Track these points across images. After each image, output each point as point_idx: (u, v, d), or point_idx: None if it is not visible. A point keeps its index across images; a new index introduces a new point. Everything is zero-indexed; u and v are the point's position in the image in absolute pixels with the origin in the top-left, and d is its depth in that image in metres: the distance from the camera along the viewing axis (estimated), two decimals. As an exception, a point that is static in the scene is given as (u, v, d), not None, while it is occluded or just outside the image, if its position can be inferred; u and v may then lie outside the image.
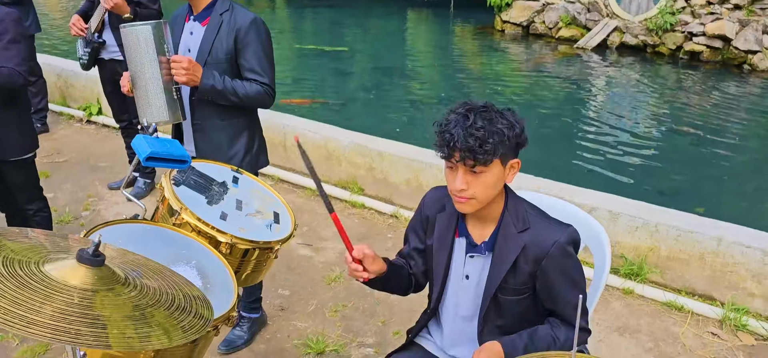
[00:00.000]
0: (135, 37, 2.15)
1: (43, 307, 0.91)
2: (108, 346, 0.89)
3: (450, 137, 1.48)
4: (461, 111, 1.52)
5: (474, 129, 1.47)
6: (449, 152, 1.49)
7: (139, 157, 1.50)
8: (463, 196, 1.53)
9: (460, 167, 1.51)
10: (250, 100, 2.33)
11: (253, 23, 2.32)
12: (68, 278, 1.00)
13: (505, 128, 1.50)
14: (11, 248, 1.04)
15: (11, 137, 2.83)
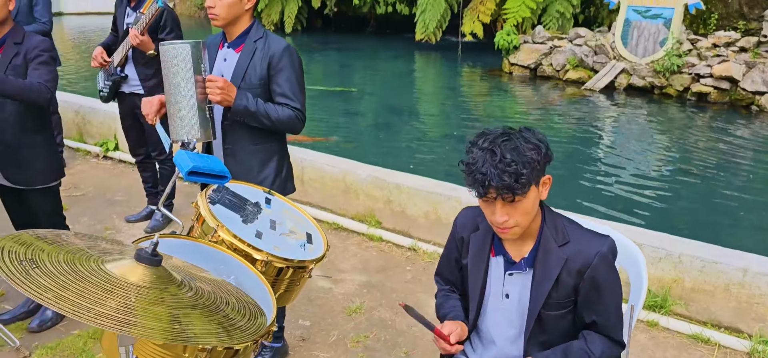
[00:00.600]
0: (174, 55, 2.20)
1: (107, 300, 0.91)
2: (173, 340, 0.89)
3: (483, 177, 1.46)
4: (485, 145, 1.50)
5: (505, 165, 1.45)
6: (485, 191, 1.49)
7: (181, 172, 1.51)
8: (505, 226, 1.53)
9: (498, 202, 1.51)
10: (281, 124, 2.36)
11: (286, 50, 2.37)
12: (128, 276, 1.01)
13: (534, 154, 1.49)
14: (67, 249, 1.05)
15: (38, 165, 2.86)
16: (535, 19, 11.96)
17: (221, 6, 2.32)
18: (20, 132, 2.78)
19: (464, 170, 1.52)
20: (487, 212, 1.56)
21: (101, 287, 0.94)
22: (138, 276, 1.00)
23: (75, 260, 0.98)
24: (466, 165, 1.51)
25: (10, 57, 2.73)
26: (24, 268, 0.88)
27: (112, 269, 0.99)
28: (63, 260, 0.96)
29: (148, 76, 3.85)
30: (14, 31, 2.77)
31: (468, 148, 1.53)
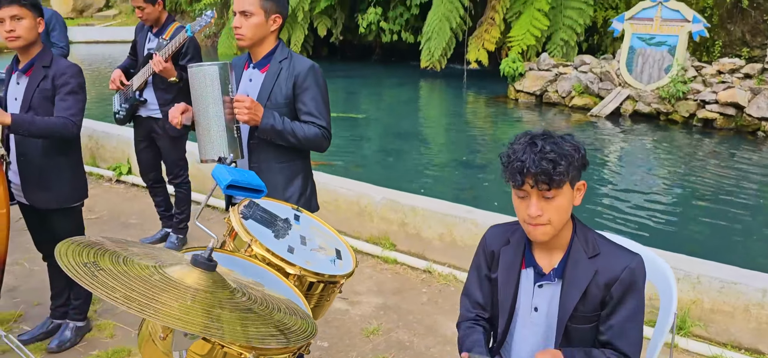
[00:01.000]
0: (202, 77, 2.24)
1: (170, 301, 0.93)
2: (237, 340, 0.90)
3: (521, 164, 1.51)
4: (526, 140, 1.56)
5: (544, 153, 1.50)
6: (522, 179, 1.52)
7: (220, 185, 1.54)
8: (538, 222, 1.55)
9: (533, 194, 1.54)
10: (307, 142, 2.39)
11: (311, 69, 2.42)
12: (184, 279, 1.03)
13: (573, 150, 1.55)
14: (122, 254, 1.07)
15: (64, 185, 2.89)
16: (540, 47, 12.09)
17: (247, 26, 2.37)
18: (46, 154, 2.81)
19: (503, 162, 1.56)
20: (521, 207, 1.58)
21: (163, 289, 0.96)
22: (194, 280, 1.02)
23: (134, 264, 1.00)
24: (506, 156, 1.56)
25: (38, 80, 2.78)
26: (89, 270, 0.90)
27: (170, 272, 1.01)
28: (123, 263, 0.98)
29: (167, 100, 3.90)
30: (43, 54, 2.82)
31: (509, 146, 1.57)
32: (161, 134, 3.97)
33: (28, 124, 2.61)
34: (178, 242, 4.22)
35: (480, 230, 3.77)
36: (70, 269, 0.88)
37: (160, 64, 3.61)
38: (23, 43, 2.74)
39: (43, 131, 2.65)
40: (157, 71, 3.63)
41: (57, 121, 2.68)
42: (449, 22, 12.82)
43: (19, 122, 2.59)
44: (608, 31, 12.37)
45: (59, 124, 2.68)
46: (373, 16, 14.05)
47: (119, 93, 4.00)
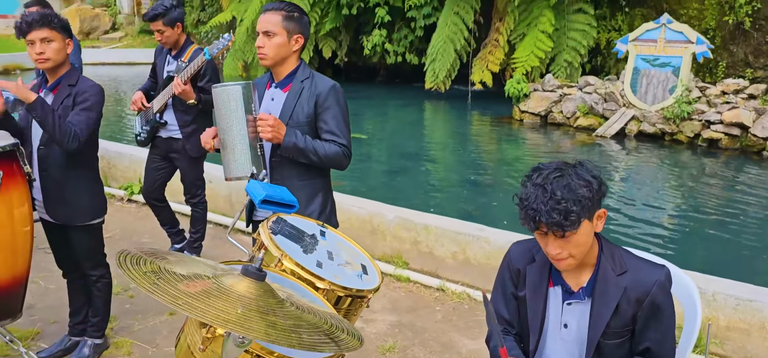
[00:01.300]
0: (226, 96, 2.29)
1: (227, 308, 0.96)
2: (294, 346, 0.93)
3: (533, 213, 1.52)
4: (538, 181, 1.55)
5: (555, 202, 1.50)
6: (536, 225, 1.55)
7: (255, 200, 1.58)
8: (559, 258, 1.58)
9: (550, 236, 1.56)
10: (328, 160, 2.43)
11: (332, 89, 2.47)
12: (236, 288, 1.06)
13: (586, 191, 1.54)
14: (177, 264, 1.10)
15: (82, 202, 2.93)
16: (544, 69, 12.18)
17: (270, 46, 2.43)
18: (66, 169, 2.86)
19: (517, 205, 1.58)
20: (542, 243, 1.61)
21: (218, 297, 0.99)
22: (245, 289, 1.05)
23: (189, 273, 1.03)
24: (520, 200, 1.57)
25: (63, 98, 2.83)
26: (151, 279, 0.93)
27: (223, 281, 1.04)
28: (179, 272, 1.02)
29: (187, 122, 3.95)
30: (70, 74, 2.88)
31: (523, 183, 1.60)
32: (181, 155, 4.02)
33: (42, 110, 2.60)
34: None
35: (493, 248, 3.80)
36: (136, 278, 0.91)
37: (179, 87, 3.66)
38: (52, 65, 2.80)
39: (50, 127, 2.62)
40: (177, 93, 3.69)
41: (66, 125, 2.67)
42: (454, 43, 12.94)
43: (36, 103, 2.59)
44: (611, 53, 12.48)
45: (66, 129, 2.65)
46: (378, 38, 14.19)
47: (140, 115, 4.06)
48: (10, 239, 2.59)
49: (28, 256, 2.74)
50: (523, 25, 12.62)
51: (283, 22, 2.42)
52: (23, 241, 2.67)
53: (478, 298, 3.77)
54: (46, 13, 2.82)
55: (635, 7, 12.66)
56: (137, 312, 3.66)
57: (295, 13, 2.45)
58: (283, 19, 2.42)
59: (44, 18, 2.76)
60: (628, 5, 12.57)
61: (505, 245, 3.75)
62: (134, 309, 3.70)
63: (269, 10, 2.43)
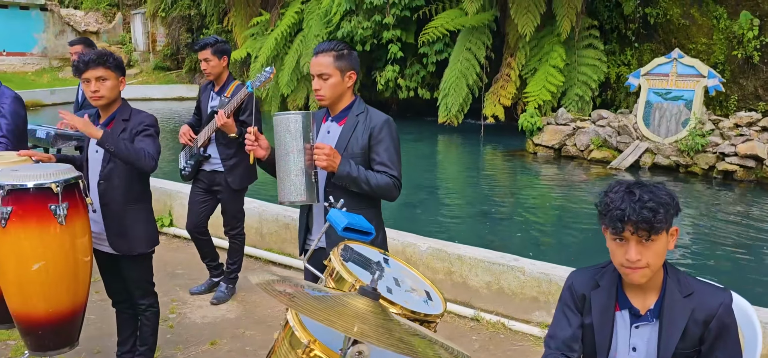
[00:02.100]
0: (287, 123, 2.40)
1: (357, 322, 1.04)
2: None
3: (621, 213, 1.61)
4: (622, 189, 1.67)
5: (643, 202, 1.61)
6: (622, 226, 1.63)
7: (336, 228, 1.66)
8: (637, 266, 1.65)
9: (632, 240, 1.64)
10: (380, 190, 2.53)
11: (386, 122, 2.58)
12: (357, 305, 1.14)
13: (668, 198, 1.66)
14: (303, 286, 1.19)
15: (139, 231, 3.02)
16: (555, 102, 12.35)
17: (326, 87, 2.55)
18: (126, 202, 2.96)
19: (602, 210, 1.66)
20: (619, 253, 1.67)
21: (345, 313, 1.07)
22: (364, 307, 1.14)
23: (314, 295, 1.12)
24: (604, 205, 1.66)
25: (118, 132, 2.94)
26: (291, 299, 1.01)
27: (346, 300, 1.13)
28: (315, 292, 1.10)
29: (229, 155, 4.07)
30: (123, 108, 3.01)
31: (603, 196, 1.68)
32: (223, 188, 4.13)
33: (114, 141, 2.73)
34: (228, 292, 4.31)
35: (527, 278, 3.86)
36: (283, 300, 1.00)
37: (222, 119, 3.79)
38: (105, 102, 2.92)
39: (124, 153, 2.76)
40: (219, 125, 3.81)
41: (139, 150, 2.81)
42: (466, 78, 13.16)
43: (108, 136, 2.72)
44: (621, 87, 12.66)
45: (140, 154, 2.79)
46: (391, 74, 14.44)
47: (185, 151, 4.19)
48: (73, 268, 2.68)
49: (88, 285, 2.83)
50: (535, 61, 12.85)
51: (335, 62, 2.54)
52: (84, 270, 2.76)
53: (514, 327, 3.82)
54: (102, 53, 2.96)
55: (644, 43, 12.89)
56: (179, 342, 3.72)
57: (344, 51, 2.58)
58: (334, 60, 2.54)
59: (100, 57, 2.90)
60: (637, 41, 12.80)
61: (540, 276, 3.83)
62: (175, 339, 3.76)
63: (320, 52, 2.56)
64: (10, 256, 2.58)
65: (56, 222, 2.60)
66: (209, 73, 4.07)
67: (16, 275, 2.59)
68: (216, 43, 4.03)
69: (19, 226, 2.56)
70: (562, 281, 3.73)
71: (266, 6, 17.39)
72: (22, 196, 2.56)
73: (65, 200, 2.63)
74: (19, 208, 2.55)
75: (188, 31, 20.46)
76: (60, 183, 2.61)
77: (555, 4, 12.09)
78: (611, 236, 1.68)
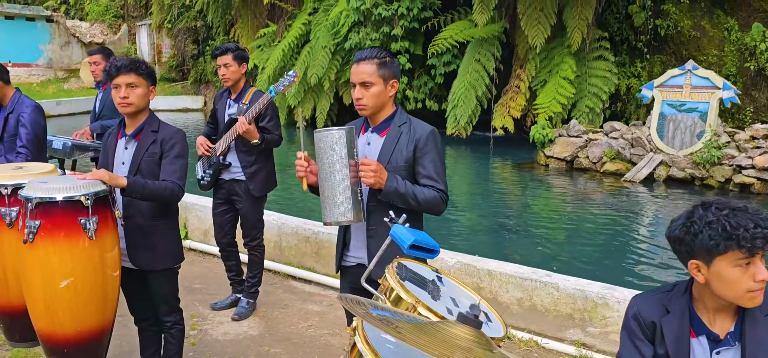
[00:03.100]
0: (330, 141, 2.30)
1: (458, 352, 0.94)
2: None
3: (760, 231, 1.50)
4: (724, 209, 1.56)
5: (759, 218, 1.51)
6: (763, 244, 1.51)
7: (402, 246, 1.56)
8: (761, 286, 1.55)
9: (759, 260, 1.54)
10: (427, 205, 2.42)
11: (431, 134, 2.47)
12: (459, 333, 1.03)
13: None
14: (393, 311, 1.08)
15: (165, 246, 2.92)
16: (566, 114, 12.26)
17: (369, 96, 2.44)
18: (151, 216, 2.86)
19: (720, 236, 1.52)
20: (745, 278, 1.54)
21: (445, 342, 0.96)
22: (466, 335, 1.03)
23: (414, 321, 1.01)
24: (722, 229, 1.52)
25: (147, 145, 2.85)
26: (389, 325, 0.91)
27: (446, 328, 1.02)
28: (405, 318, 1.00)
29: (249, 163, 3.97)
30: (151, 119, 2.91)
31: (692, 221, 1.57)
32: (242, 197, 4.02)
33: (141, 188, 2.67)
34: (249, 307, 4.19)
35: (561, 294, 3.74)
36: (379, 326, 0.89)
37: (244, 126, 3.69)
38: (134, 110, 2.83)
39: (154, 195, 2.72)
40: (241, 132, 3.71)
41: (166, 185, 2.74)
42: (475, 90, 13.08)
43: (134, 185, 2.65)
44: (631, 98, 12.58)
45: (168, 189, 2.75)
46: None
47: (202, 160, 4.08)
48: (102, 284, 2.57)
49: (116, 303, 2.72)
50: (544, 72, 12.77)
51: (378, 70, 2.45)
52: (113, 287, 2.65)
53: (548, 346, 3.69)
54: (135, 59, 2.87)
55: (654, 55, 12.82)
56: (202, 360, 3.60)
57: (387, 58, 2.48)
58: (377, 68, 2.44)
59: (133, 64, 2.81)
60: (648, 52, 12.74)
61: (575, 292, 3.71)
62: (198, 357, 3.64)
63: (363, 60, 2.46)
64: (37, 272, 2.48)
65: (86, 236, 2.50)
66: (227, 79, 3.96)
67: (43, 292, 2.49)
68: (237, 49, 3.95)
69: (47, 240, 2.45)
70: (600, 298, 3.62)
71: (273, 17, 17.37)
72: (51, 209, 2.46)
73: (95, 213, 2.52)
74: (47, 222, 2.45)
75: (194, 43, 20.45)
76: (90, 196, 2.51)
77: (566, 16, 12.04)
78: (737, 262, 1.55)
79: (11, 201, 2.72)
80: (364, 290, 2.59)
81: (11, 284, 2.78)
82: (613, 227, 7.45)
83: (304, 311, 4.31)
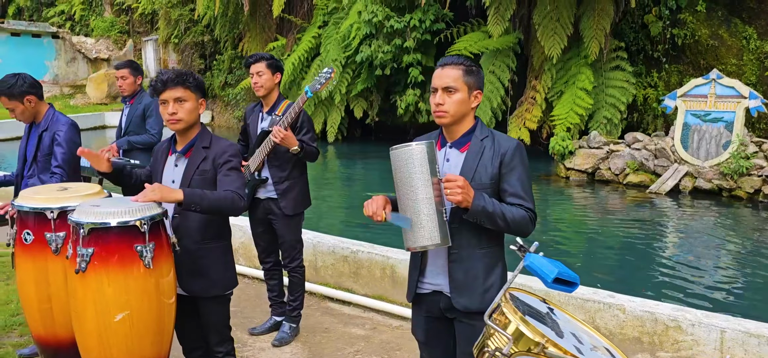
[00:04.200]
0: (410, 157, 2.10)
1: None
2: None
3: None
4: None
5: None
6: None
7: (545, 279, 1.36)
8: None
9: None
10: (515, 225, 2.21)
11: (517, 148, 2.28)
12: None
13: None
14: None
15: (218, 272, 2.71)
16: (583, 125, 12.08)
17: (451, 103, 2.25)
18: (203, 239, 2.66)
19: None
20: None
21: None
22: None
23: None
24: None
25: (198, 162, 2.66)
26: None
27: None
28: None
29: (282, 178, 3.77)
30: (203, 134, 2.71)
31: None
32: (278, 215, 3.81)
33: (200, 199, 2.45)
34: (291, 333, 3.97)
35: (628, 316, 3.53)
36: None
37: (280, 133, 3.48)
38: (183, 126, 2.64)
39: (212, 206, 2.49)
40: (278, 141, 3.50)
41: (226, 195, 2.54)
42: (490, 102, 12.91)
43: (191, 197, 2.43)
44: (648, 109, 12.41)
45: (229, 199, 2.53)
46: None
47: None
48: (158, 315, 2.37)
49: (172, 334, 2.51)
50: (560, 83, 12.60)
51: (464, 77, 2.26)
52: (169, 317, 2.44)
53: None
54: (182, 72, 2.68)
55: (672, 64, 12.67)
56: (249, 391, 3.38)
57: (474, 66, 2.30)
58: (463, 74, 2.26)
59: (180, 77, 2.62)
60: (666, 62, 12.59)
61: (643, 314, 3.50)
62: (244, 388, 3.42)
63: (448, 64, 2.27)
64: (90, 304, 2.27)
65: (142, 265, 2.29)
66: (260, 87, 3.75)
67: (96, 326, 2.28)
68: (271, 57, 3.76)
69: (101, 270, 2.25)
70: (671, 320, 3.41)
71: (282, 31, 17.24)
72: (105, 235, 2.26)
73: (152, 239, 2.32)
74: (101, 249, 2.25)
75: (201, 58, 20.31)
76: (146, 220, 2.31)
77: (582, 26, 11.89)
78: None
79: (57, 225, 2.53)
80: (442, 319, 2.39)
81: (56, 315, 2.58)
82: (647, 240, 7.23)
83: (348, 335, 4.09)
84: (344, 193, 10.60)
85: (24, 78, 3.41)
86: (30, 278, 2.57)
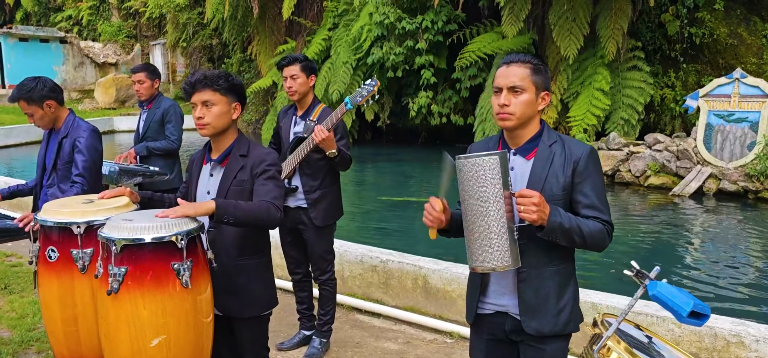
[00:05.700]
0: (481, 169, 1.89)
1: None
2: None
3: None
4: None
5: None
6: None
7: (679, 312, 1.16)
8: None
9: None
10: (592, 241, 2.01)
11: (591, 154, 2.07)
12: None
13: None
14: None
15: (255, 291, 2.52)
16: (600, 127, 11.86)
17: (517, 104, 2.05)
18: (239, 255, 2.47)
19: None
20: None
21: None
22: None
23: None
24: None
25: (235, 171, 2.46)
26: None
27: None
28: None
29: (313, 187, 3.58)
30: (240, 143, 2.52)
31: None
32: (308, 226, 3.62)
33: (233, 209, 2.25)
34: (321, 348, 3.77)
35: (684, 331, 3.31)
36: None
37: (322, 132, 3.29)
38: (211, 132, 2.44)
39: (249, 217, 2.30)
40: (318, 141, 3.31)
41: (261, 205, 2.34)
42: (504, 103, 12.70)
43: (224, 208, 2.23)
44: (665, 109, 12.17)
45: (264, 209, 2.33)
46: (424, 100, 13.99)
47: None
48: (196, 337, 2.18)
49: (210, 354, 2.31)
50: (576, 84, 12.39)
51: (532, 76, 2.05)
52: (207, 336, 2.25)
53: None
54: (211, 74, 2.48)
55: (689, 64, 12.43)
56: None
57: (542, 65, 2.09)
58: (531, 73, 2.05)
59: (208, 79, 2.42)
60: (683, 61, 12.35)
61: (701, 329, 3.28)
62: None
63: (514, 62, 2.07)
64: (123, 328, 2.08)
65: (179, 284, 2.10)
66: (294, 92, 3.57)
67: (130, 352, 2.09)
68: (305, 59, 3.57)
69: (135, 291, 2.06)
70: (733, 335, 3.19)
71: (291, 34, 17.08)
72: (139, 252, 2.07)
73: (189, 256, 2.12)
74: (135, 268, 2.06)
75: (209, 61, 20.18)
76: (183, 235, 2.11)
77: (599, 26, 11.68)
78: None
79: (84, 241, 2.34)
80: (505, 342, 2.19)
81: (83, 337, 2.39)
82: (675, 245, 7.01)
83: (381, 350, 3.89)
84: (356, 197, 10.40)
85: (44, 82, 3.22)
86: (54, 298, 2.38)
